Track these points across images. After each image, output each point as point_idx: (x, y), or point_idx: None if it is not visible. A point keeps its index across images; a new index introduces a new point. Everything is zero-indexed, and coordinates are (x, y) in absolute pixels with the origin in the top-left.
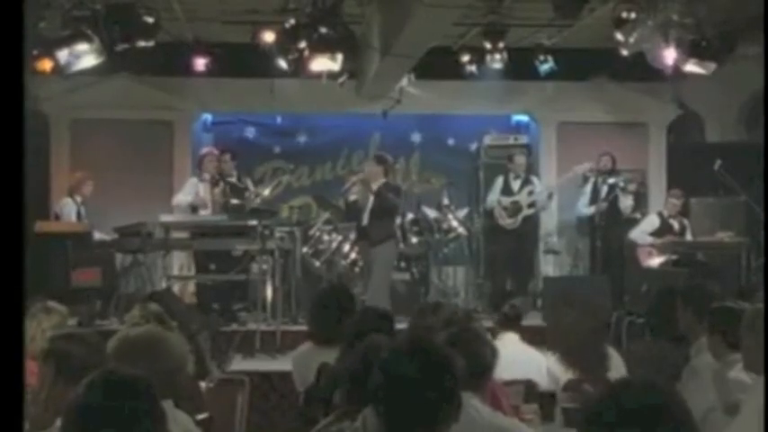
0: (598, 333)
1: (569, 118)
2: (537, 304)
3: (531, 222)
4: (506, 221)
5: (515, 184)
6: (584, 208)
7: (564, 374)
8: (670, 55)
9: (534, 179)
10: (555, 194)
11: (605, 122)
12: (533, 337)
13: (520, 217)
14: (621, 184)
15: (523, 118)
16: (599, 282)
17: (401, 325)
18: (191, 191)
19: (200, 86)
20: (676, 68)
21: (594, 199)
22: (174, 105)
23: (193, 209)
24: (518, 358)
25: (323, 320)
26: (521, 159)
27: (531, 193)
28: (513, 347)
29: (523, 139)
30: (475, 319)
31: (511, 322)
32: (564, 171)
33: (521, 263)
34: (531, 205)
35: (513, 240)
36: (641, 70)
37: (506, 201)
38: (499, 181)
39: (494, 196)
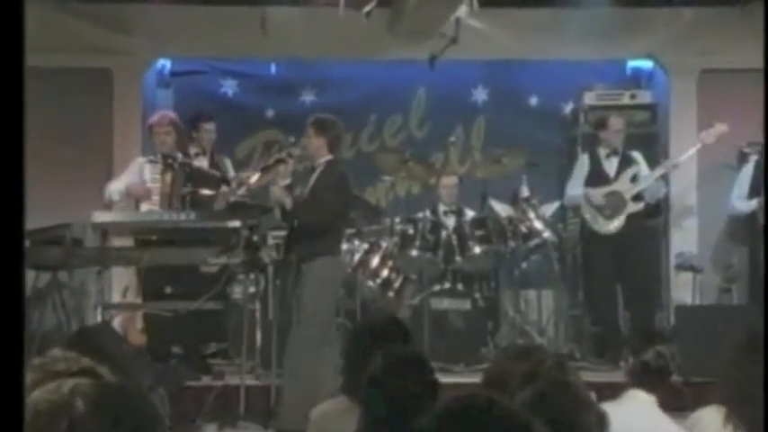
0: None
1: (716, 64)
2: None
3: (643, 223)
4: (603, 225)
5: (609, 166)
6: (742, 202)
7: None
8: None
9: (636, 156)
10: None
11: None
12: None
13: (623, 216)
14: None
15: (645, 65)
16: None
17: (451, 378)
18: (130, 176)
19: (155, 18)
20: None
21: (757, 189)
22: (114, 46)
23: (136, 203)
24: (643, 429)
25: (363, 364)
26: (618, 125)
27: (635, 178)
28: (638, 413)
29: (645, 97)
30: (571, 370)
31: (650, 377)
32: (708, 147)
33: (636, 284)
34: (639, 196)
35: (618, 252)
36: None
37: (598, 194)
38: (583, 162)
39: (576, 188)
